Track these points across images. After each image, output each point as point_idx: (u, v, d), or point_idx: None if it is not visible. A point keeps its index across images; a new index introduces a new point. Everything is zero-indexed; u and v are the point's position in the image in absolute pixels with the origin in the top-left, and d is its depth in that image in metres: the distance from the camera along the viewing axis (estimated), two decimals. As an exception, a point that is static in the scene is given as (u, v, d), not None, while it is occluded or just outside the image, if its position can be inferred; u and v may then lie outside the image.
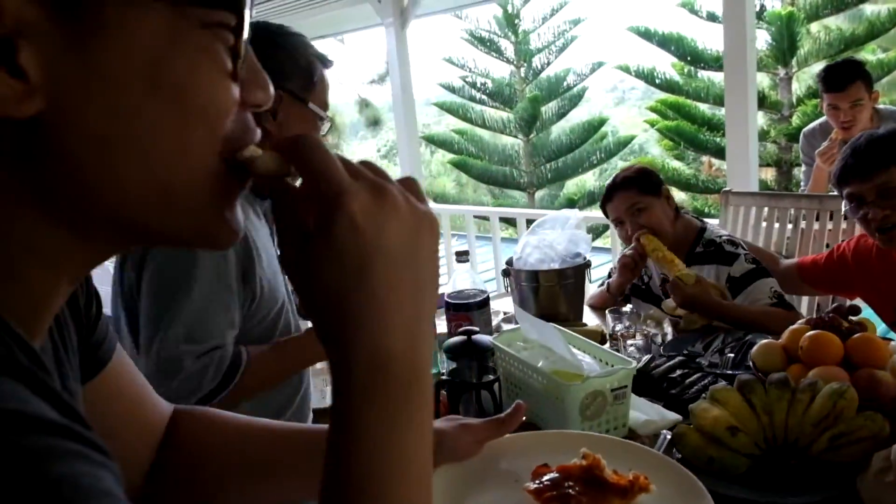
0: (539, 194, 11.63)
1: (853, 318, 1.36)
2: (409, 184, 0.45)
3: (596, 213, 6.93)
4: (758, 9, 7.98)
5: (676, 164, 9.78)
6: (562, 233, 1.86)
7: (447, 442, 0.84)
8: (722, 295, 1.86)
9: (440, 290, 1.69)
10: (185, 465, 0.68)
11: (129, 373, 0.65)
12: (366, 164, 0.45)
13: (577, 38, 11.13)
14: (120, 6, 0.37)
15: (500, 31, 11.16)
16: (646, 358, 1.51)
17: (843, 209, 1.75)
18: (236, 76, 0.43)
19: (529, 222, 5.48)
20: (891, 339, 1.33)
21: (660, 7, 12.20)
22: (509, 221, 6.11)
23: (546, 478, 0.86)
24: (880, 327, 1.74)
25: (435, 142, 12.09)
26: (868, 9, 8.07)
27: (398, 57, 4.80)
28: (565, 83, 11.11)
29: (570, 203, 11.03)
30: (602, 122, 11.02)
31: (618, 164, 11.66)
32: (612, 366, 1.19)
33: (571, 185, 12.03)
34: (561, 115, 11.26)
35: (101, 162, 0.38)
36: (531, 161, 11.21)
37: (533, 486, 0.85)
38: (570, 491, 0.83)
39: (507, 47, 11.27)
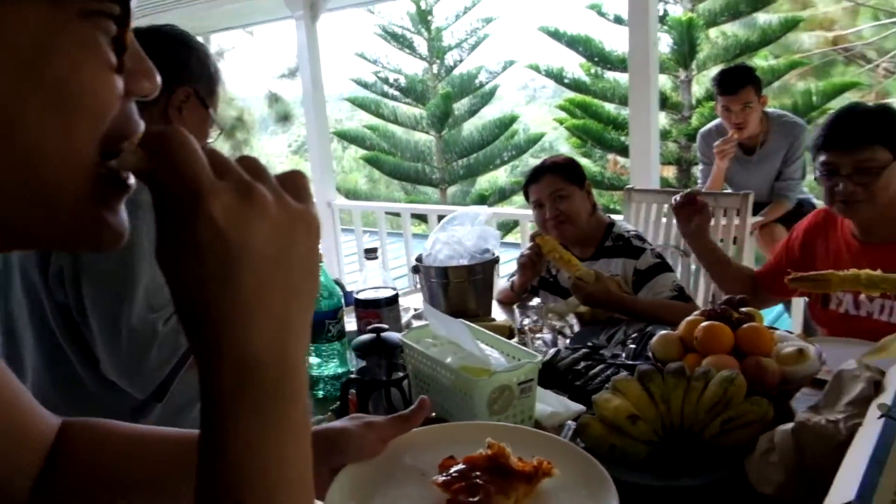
0: (451, 190, 11.71)
1: (743, 309, 1.44)
2: (291, 180, 0.44)
3: (506, 209, 7.05)
4: (661, 14, 8.31)
5: (584, 161, 10.01)
6: (471, 229, 1.88)
7: (352, 441, 0.83)
8: (619, 286, 1.94)
9: (355, 288, 1.68)
10: (74, 476, 0.65)
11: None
12: (242, 161, 0.42)
13: (490, 37, 11.27)
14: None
15: (413, 27, 11.16)
16: (552, 351, 1.55)
17: (815, 174, 1.72)
18: (121, 68, 0.40)
19: (440, 218, 5.51)
20: (776, 329, 1.41)
21: (569, 8, 12.51)
22: (421, 218, 6.12)
23: (453, 470, 0.86)
24: (769, 317, 1.83)
25: (347, 137, 11.97)
26: (761, 17, 8.54)
27: (309, 51, 4.71)
28: (477, 80, 11.22)
29: (482, 199, 11.16)
30: (513, 119, 11.20)
31: (528, 160, 11.89)
32: (519, 360, 1.21)
33: (483, 182, 12.17)
34: (473, 112, 11.37)
35: None
36: (443, 157, 11.27)
37: (441, 478, 0.85)
38: (478, 480, 0.84)
39: (420, 43, 11.28)
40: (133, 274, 1.24)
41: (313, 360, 1.52)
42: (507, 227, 6.67)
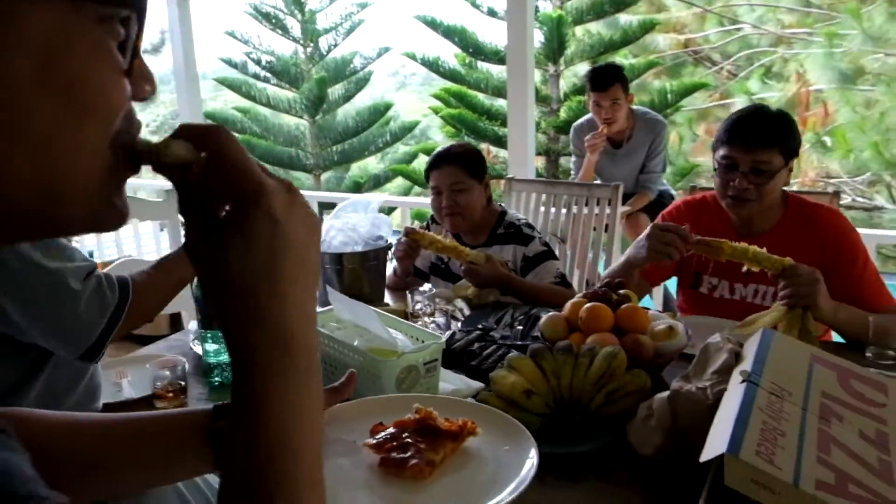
0: (325, 176, 11.56)
1: (620, 291, 1.57)
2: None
3: (400, 198, 7.04)
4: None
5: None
6: (364, 216, 1.92)
7: None
8: (505, 266, 2.05)
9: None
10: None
11: None
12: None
13: (365, 22, 11.19)
14: (22, 8, 0.37)
15: (287, 9, 10.87)
16: (447, 334, 1.62)
17: (715, 165, 1.81)
18: (130, 72, 0.43)
19: (322, 205, 5.46)
20: (649, 309, 1.56)
21: (443, -2, 12.66)
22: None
23: (383, 434, 0.92)
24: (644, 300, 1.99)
25: (216, 119, 11.48)
26: (622, 18, 9.06)
27: (180, 27, 4.51)
28: (352, 66, 11.12)
29: (357, 186, 11.11)
30: (388, 106, 11.20)
31: (399, 148, 11.93)
32: (423, 342, 1.27)
33: (356, 168, 12.12)
34: (347, 97, 11.24)
35: None
36: (317, 143, 11.10)
37: (372, 441, 0.90)
38: (409, 440, 0.90)
39: (294, 25, 11.00)
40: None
41: (210, 346, 1.50)
42: (386, 213, 6.71)
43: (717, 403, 1.05)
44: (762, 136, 1.71)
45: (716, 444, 0.90)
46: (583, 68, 9.34)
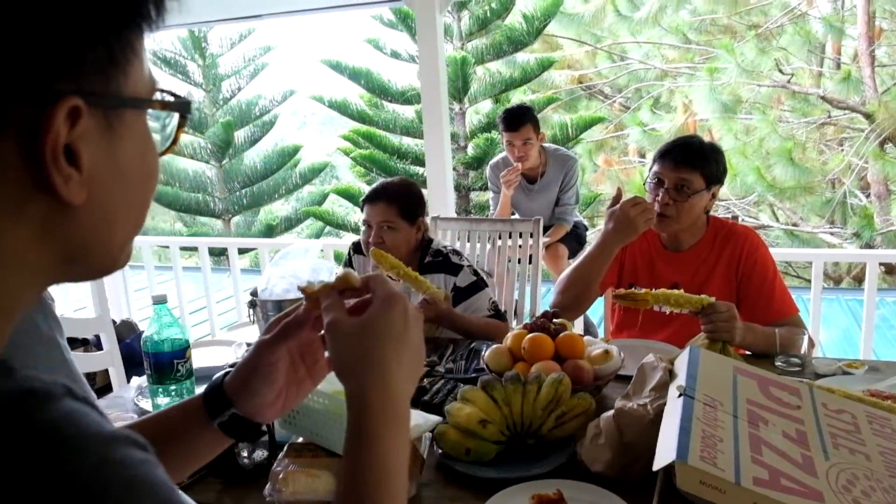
0: (235, 220, 11.36)
1: (556, 320, 1.68)
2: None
3: (337, 241, 7.01)
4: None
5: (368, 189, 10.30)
6: (305, 262, 1.95)
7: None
8: (448, 302, 2.08)
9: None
10: None
11: None
12: None
13: (268, 66, 11.17)
14: (133, 116, 0.46)
15: (187, 53, 10.72)
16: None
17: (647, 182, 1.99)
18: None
19: (241, 251, 5.39)
20: (585, 335, 1.67)
21: (347, 41, 12.80)
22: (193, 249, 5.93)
23: None
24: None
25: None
26: (520, 57, 9.47)
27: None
28: (256, 109, 11.06)
29: (269, 229, 10.97)
30: (296, 149, 11.17)
31: (306, 189, 11.86)
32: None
33: (264, 212, 11.98)
34: (254, 141, 11.16)
35: (103, 232, 0.47)
36: (225, 187, 10.91)
37: None
38: None
39: (195, 70, 10.86)
40: None
41: (162, 400, 1.50)
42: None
43: (658, 417, 1.16)
44: (687, 158, 1.92)
45: (665, 453, 1.00)
46: (485, 106, 9.67)
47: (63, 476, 0.36)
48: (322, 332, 0.73)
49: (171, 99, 0.50)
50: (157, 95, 0.49)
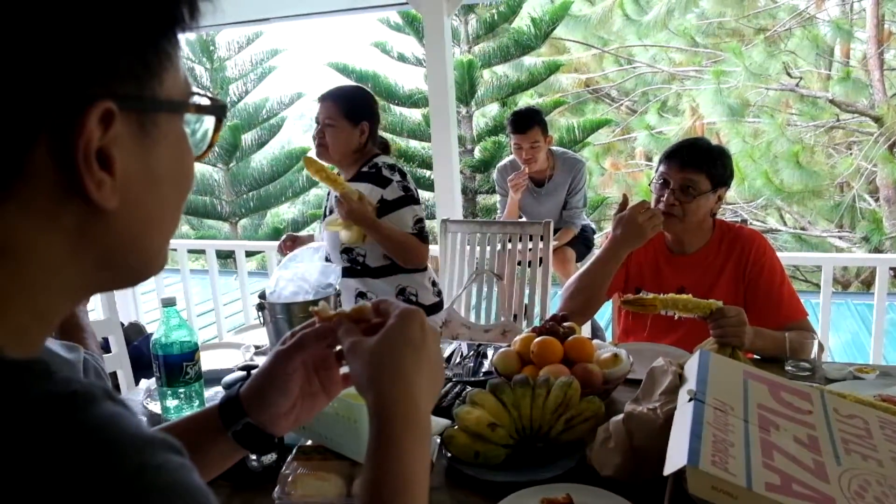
0: (242, 223, 11.40)
1: (565, 324, 1.68)
2: None
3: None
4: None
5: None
6: (313, 265, 1.95)
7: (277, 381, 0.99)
8: (374, 212, 2.24)
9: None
10: None
11: None
12: None
13: (276, 69, 11.21)
14: (167, 120, 0.46)
15: (195, 57, 10.77)
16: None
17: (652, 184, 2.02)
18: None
19: (249, 253, 5.39)
20: (593, 339, 1.67)
21: (354, 44, 12.86)
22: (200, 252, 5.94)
23: None
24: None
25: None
26: (527, 60, 9.48)
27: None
28: (264, 112, 11.10)
29: (277, 232, 10.99)
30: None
31: (315, 193, 11.90)
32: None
33: (271, 214, 12.02)
34: (261, 144, 11.20)
35: (138, 236, 0.48)
36: (232, 190, 10.95)
37: None
38: None
39: (202, 74, 10.91)
40: None
41: (171, 402, 1.50)
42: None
43: (668, 421, 1.15)
44: (693, 159, 1.92)
45: (676, 458, 1.00)
46: (492, 109, 9.68)
47: (105, 479, 0.37)
48: (337, 347, 0.76)
49: (207, 102, 0.50)
50: (193, 99, 0.49)
